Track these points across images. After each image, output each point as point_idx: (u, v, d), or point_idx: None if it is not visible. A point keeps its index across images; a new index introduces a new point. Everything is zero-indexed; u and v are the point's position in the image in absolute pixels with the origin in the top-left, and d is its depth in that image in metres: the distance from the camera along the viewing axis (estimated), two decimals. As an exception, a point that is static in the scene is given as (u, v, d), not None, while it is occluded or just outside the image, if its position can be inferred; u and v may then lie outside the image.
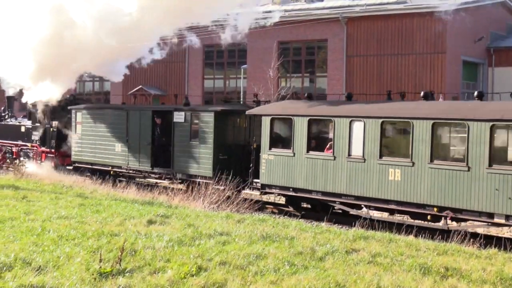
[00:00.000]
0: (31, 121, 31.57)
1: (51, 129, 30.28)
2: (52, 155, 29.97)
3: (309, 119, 20.46)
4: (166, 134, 25.47)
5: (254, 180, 21.89)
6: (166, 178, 25.29)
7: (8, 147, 32.92)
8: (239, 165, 22.86)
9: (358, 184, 18.99)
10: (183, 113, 24.70)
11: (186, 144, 24.30)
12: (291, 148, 20.84)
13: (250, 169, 22.13)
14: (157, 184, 25.94)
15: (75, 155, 28.89)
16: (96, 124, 28.26)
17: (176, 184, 24.65)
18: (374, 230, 15.10)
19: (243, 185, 22.05)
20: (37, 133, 30.90)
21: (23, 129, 32.24)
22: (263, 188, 21.68)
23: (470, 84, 41.89)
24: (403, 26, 39.51)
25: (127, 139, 26.71)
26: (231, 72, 46.88)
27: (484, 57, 42.17)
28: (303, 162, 20.46)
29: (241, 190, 21.88)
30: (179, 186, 24.49)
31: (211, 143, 23.27)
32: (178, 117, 24.89)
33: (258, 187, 21.75)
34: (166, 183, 25.44)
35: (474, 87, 42.40)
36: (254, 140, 22.46)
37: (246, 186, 22.10)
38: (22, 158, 31.17)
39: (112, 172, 27.33)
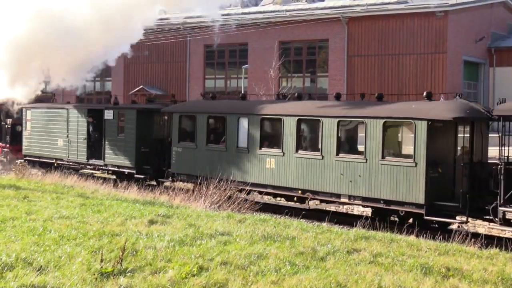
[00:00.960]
0: None
1: (6, 126, 33.79)
2: (7, 149, 33.33)
3: (208, 116, 23.90)
4: (100, 130, 28.25)
5: (168, 169, 24.93)
6: (99, 169, 28.31)
7: None
8: (157, 157, 25.87)
9: (244, 171, 22.24)
10: (112, 111, 27.58)
11: (115, 138, 27.25)
12: (195, 141, 24.01)
13: (165, 160, 25.15)
14: (92, 174, 28.30)
15: (26, 149, 32.06)
16: (42, 121, 31.24)
17: (107, 174, 28.20)
18: (376, 230, 15.09)
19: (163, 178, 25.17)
20: None
21: None
22: (174, 176, 24.73)
23: (472, 84, 41.92)
24: (404, 26, 39.53)
25: (67, 135, 29.64)
26: (232, 72, 46.93)
27: (485, 57, 42.20)
28: (204, 153, 23.66)
29: (158, 179, 25.57)
30: (111, 176, 28.10)
31: (134, 138, 26.26)
32: (108, 115, 27.79)
33: (170, 175, 24.78)
34: (99, 174, 28.46)
35: (475, 87, 42.46)
36: (169, 135, 25.32)
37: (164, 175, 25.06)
38: None
39: (55, 164, 30.03)
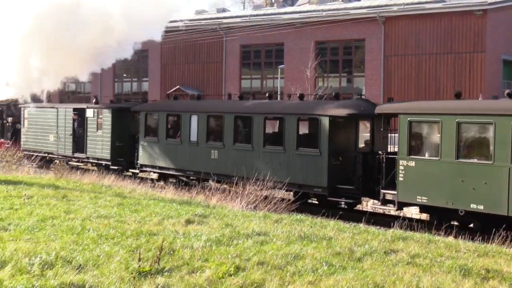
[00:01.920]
0: None
1: (8, 124, 38.21)
2: (8, 145, 36.35)
3: (167, 114, 27.03)
4: (83, 126, 31.77)
5: (137, 161, 28.28)
6: (82, 162, 32.02)
7: None
8: (130, 150, 29.12)
9: (195, 162, 25.37)
10: (92, 110, 31.20)
11: (95, 134, 30.81)
12: (157, 136, 27.24)
13: (136, 153, 28.46)
14: (78, 167, 31.45)
15: (24, 144, 35.92)
16: (37, 119, 35.06)
17: (89, 166, 31.76)
18: (413, 231, 14.96)
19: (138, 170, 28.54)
20: None
21: None
22: (141, 167, 28.25)
23: (511, 84, 41.30)
24: (441, 25, 39.11)
25: (57, 131, 33.39)
26: (268, 72, 46.91)
27: (525, 56, 41.56)
28: (164, 147, 26.89)
29: (129, 169, 29.06)
30: (93, 167, 31.27)
31: (109, 133, 29.74)
32: (89, 113, 31.40)
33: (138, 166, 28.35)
34: (82, 165, 32.08)
35: (515, 86, 41.82)
36: (139, 131, 28.43)
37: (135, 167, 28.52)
38: None
39: (48, 157, 33.77)
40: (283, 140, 22.28)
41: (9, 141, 36.83)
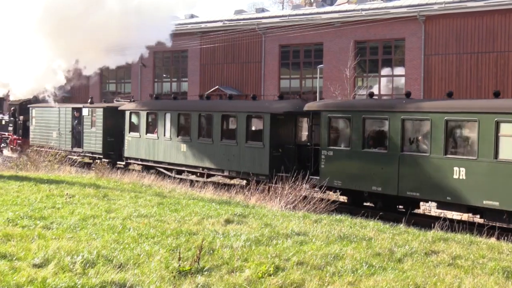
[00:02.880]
0: (9, 117, 43.71)
1: (19, 122, 42.34)
2: (20, 141, 41.41)
3: (147, 113, 30.62)
4: (81, 124, 35.47)
5: (124, 154, 31.95)
6: (79, 155, 35.43)
7: None
8: (119, 145, 32.64)
9: (170, 155, 28.84)
10: (87, 109, 35.18)
11: (89, 131, 34.82)
12: (139, 132, 30.89)
13: (123, 147, 32.04)
14: (76, 160, 34.13)
15: (32, 140, 39.50)
16: (43, 118, 39.39)
17: (88, 160, 35.46)
18: (454, 232, 14.80)
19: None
20: (12, 125, 43.16)
21: (3, 122, 44.66)
22: (127, 160, 31.93)
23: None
24: (483, 24, 38.58)
25: (59, 128, 37.48)
26: (307, 71, 46.79)
27: None
28: (144, 142, 30.55)
29: (116, 163, 32.27)
30: (88, 161, 35.27)
31: (101, 130, 33.75)
32: (85, 112, 35.39)
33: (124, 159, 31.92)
34: (80, 159, 35.30)
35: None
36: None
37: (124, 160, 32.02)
38: (2, 144, 44.09)
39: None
40: (236, 134, 25.59)
41: (20, 137, 41.58)
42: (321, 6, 49.26)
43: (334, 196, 23.06)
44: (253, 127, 25.68)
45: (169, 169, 29.28)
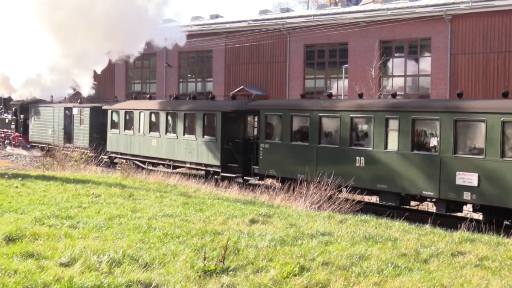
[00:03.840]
0: (11, 115, 47.47)
1: (20, 120, 46.15)
2: (21, 137, 45.82)
3: (125, 112, 34.09)
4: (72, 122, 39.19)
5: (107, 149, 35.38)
6: (71, 150, 36.80)
7: (1, 132, 49.28)
8: (104, 141, 35.86)
9: (143, 149, 32.39)
10: (77, 109, 39.18)
11: (78, 128, 38.88)
12: (118, 128, 34.38)
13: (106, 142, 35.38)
14: (67, 154, 35.07)
15: (31, 137, 44.46)
16: (40, 116, 43.32)
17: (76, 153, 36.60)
18: (481, 233, 14.67)
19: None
20: (14, 123, 47.03)
21: (6, 121, 48.41)
22: (109, 154, 35.28)
23: None
24: (511, 22, 38.19)
25: (53, 126, 41.28)
26: (332, 71, 46.64)
27: None
28: (123, 137, 34.06)
29: (101, 156, 34.76)
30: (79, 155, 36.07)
31: (88, 127, 37.97)
32: (75, 111, 39.34)
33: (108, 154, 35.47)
34: (70, 153, 36.39)
35: None
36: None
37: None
38: (6, 141, 47.99)
39: (47, 147, 40.21)
40: (194, 130, 28.99)
41: (21, 134, 45.82)
42: (346, 6, 49.10)
43: (276, 183, 25.53)
44: (208, 124, 28.70)
45: (143, 161, 32.70)
